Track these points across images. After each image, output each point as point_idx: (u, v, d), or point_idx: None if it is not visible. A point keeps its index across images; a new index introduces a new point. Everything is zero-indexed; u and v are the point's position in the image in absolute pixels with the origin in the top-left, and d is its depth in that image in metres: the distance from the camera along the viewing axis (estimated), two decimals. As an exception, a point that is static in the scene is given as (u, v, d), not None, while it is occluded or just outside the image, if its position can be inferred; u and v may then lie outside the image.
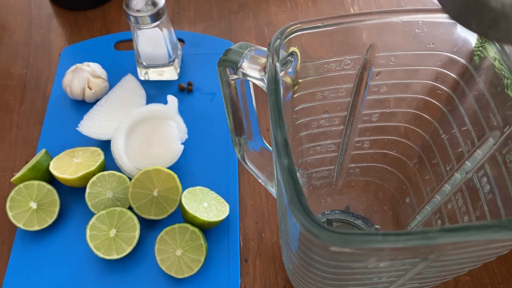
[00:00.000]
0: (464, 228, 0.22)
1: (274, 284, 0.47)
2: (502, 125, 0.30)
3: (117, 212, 0.48)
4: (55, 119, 0.58)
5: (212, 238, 0.49)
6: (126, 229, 0.47)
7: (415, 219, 0.41)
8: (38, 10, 0.71)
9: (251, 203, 0.52)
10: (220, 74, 0.34)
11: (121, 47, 0.65)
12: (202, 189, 0.51)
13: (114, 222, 0.47)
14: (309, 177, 0.44)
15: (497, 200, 0.30)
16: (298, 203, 0.23)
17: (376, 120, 0.39)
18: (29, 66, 0.64)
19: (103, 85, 0.58)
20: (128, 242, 0.47)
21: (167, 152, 0.53)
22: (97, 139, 0.55)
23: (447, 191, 0.36)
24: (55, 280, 0.47)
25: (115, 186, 0.50)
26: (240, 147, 0.42)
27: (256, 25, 0.68)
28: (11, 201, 0.49)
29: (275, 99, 0.27)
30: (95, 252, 0.46)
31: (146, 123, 0.55)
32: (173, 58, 0.60)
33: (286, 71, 0.32)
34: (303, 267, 0.31)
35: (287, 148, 0.25)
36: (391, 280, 0.31)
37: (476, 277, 0.47)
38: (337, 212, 0.48)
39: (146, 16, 0.53)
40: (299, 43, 0.31)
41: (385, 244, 0.22)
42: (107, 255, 0.46)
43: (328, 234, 0.22)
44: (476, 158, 0.32)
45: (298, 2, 0.70)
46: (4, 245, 0.50)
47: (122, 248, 0.47)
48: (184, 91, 0.60)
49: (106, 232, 0.47)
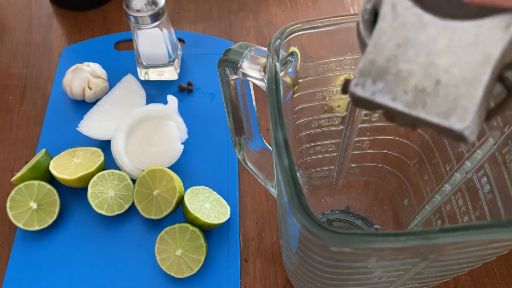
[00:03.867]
0: (464, 228, 0.22)
1: (274, 284, 0.47)
2: (502, 125, 0.30)
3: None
4: (55, 119, 0.58)
5: (212, 238, 0.49)
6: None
7: (415, 219, 0.41)
8: (38, 10, 0.71)
9: (251, 203, 0.52)
10: (220, 74, 0.34)
11: (121, 47, 0.65)
12: (205, 188, 0.51)
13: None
14: (309, 177, 0.44)
15: (497, 200, 0.30)
16: (298, 203, 0.23)
17: (376, 120, 0.39)
18: (29, 66, 0.64)
19: (103, 85, 0.58)
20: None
21: (167, 152, 0.53)
22: (97, 139, 0.55)
23: (447, 191, 0.36)
24: (55, 280, 0.47)
25: (116, 184, 0.50)
26: (240, 147, 0.42)
27: (256, 25, 0.68)
28: (11, 201, 0.49)
29: (275, 99, 0.27)
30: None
31: (146, 123, 0.55)
32: (173, 58, 0.60)
33: (286, 71, 0.32)
34: (303, 267, 0.31)
35: (287, 148, 0.25)
36: (391, 280, 0.31)
37: (476, 277, 0.47)
38: (337, 212, 0.48)
39: (146, 16, 0.53)
40: (299, 43, 0.31)
41: (385, 244, 0.22)
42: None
43: (328, 234, 0.22)
44: (476, 158, 0.32)
45: (298, 2, 0.70)
46: (4, 245, 0.50)
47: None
48: (184, 91, 0.60)
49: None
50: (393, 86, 0.18)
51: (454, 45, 0.17)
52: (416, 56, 0.18)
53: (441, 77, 0.17)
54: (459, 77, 0.17)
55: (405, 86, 0.18)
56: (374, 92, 0.18)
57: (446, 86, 0.17)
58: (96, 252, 0.49)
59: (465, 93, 0.17)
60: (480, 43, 0.17)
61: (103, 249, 0.49)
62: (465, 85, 0.17)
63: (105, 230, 0.50)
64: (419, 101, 0.18)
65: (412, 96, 0.18)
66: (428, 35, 0.18)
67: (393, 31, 0.18)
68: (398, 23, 0.18)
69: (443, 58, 0.18)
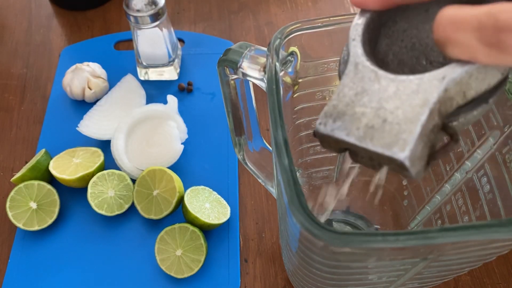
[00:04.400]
0: (464, 228, 0.22)
1: (274, 284, 0.47)
2: (502, 125, 0.30)
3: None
4: (55, 119, 0.58)
5: (212, 238, 0.49)
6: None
7: (415, 219, 0.41)
8: (38, 10, 0.71)
9: (251, 203, 0.52)
10: (220, 74, 0.34)
11: (121, 47, 0.65)
12: (205, 188, 0.51)
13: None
14: (309, 177, 0.44)
15: (497, 200, 0.30)
16: (298, 203, 0.23)
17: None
18: (29, 66, 0.64)
19: (103, 85, 0.58)
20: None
21: (167, 152, 0.53)
22: (97, 139, 0.55)
23: (447, 191, 0.36)
24: (55, 280, 0.47)
25: (116, 184, 0.50)
26: (240, 147, 0.42)
27: (256, 25, 0.68)
28: (11, 201, 0.49)
29: (275, 99, 0.27)
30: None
31: (146, 123, 0.55)
32: (173, 58, 0.60)
33: (286, 71, 0.32)
34: (303, 267, 0.31)
35: (287, 148, 0.25)
36: (391, 280, 0.31)
37: (476, 277, 0.47)
38: (337, 212, 0.48)
39: (146, 16, 0.53)
40: (299, 43, 0.31)
41: (385, 244, 0.22)
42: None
43: (328, 234, 0.22)
44: (476, 158, 0.32)
45: (298, 2, 0.70)
46: (4, 245, 0.50)
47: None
48: (184, 91, 0.60)
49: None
50: (348, 124, 0.22)
51: (400, 93, 0.21)
52: (369, 102, 0.22)
53: (387, 117, 0.21)
54: (402, 117, 0.21)
55: (358, 124, 0.21)
56: (333, 129, 0.22)
57: (391, 123, 0.21)
58: (96, 252, 0.49)
59: (406, 128, 0.20)
60: (420, 91, 0.21)
61: (103, 249, 0.49)
62: (406, 122, 0.20)
63: (105, 230, 0.50)
64: (368, 136, 0.21)
65: (363, 132, 0.21)
66: (380, 85, 0.22)
67: (353, 83, 0.22)
68: (358, 77, 0.22)
69: (390, 102, 0.21)
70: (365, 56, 0.23)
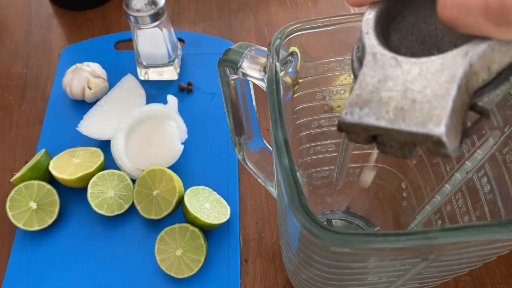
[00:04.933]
0: (464, 228, 0.22)
1: (274, 284, 0.47)
2: (502, 125, 0.30)
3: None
4: (55, 119, 0.58)
5: (212, 238, 0.49)
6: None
7: (415, 219, 0.41)
8: (38, 10, 0.71)
9: (251, 203, 0.52)
10: (220, 74, 0.34)
11: (121, 47, 0.65)
12: (205, 188, 0.51)
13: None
14: (309, 177, 0.44)
15: (497, 200, 0.30)
16: (298, 203, 0.23)
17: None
18: (29, 66, 0.64)
19: (103, 85, 0.58)
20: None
21: (167, 152, 0.53)
22: (97, 139, 0.55)
23: (447, 191, 0.36)
24: (55, 280, 0.47)
25: (116, 184, 0.50)
26: (240, 147, 0.42)
27: (256, 25, 0.68)
28: (11, 201, 0.49)
29: (275, 99, 0.27)
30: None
31: (146, 123, 0.55)
32: (173, 58, 0.60)
33: (286, 71, 0.32)
34: (303, 267, 0.31)
35: (287, 148, 0.25)
36: (391, 280, 0.31)
37: (476, 277, 0.47)
38: (337, 212, 0.48)
39: (146, 16, 0.52)
40: (299, 43, 0.31)
41: (385, 244, 0.22)
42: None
43: (328, 234, 0.22)
44: (476, 158, 0.32)
45: (298, 2, 0.70)
46: (4, 245, 0.50)
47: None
48: (184, 91, 0.60)
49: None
50: (377, 110, 0.21)
51: (424, 73, 0.21)
52: (394, 86, 0.22)
53: (416, 97, 0.21)
54: (431, 95, 0.21)
55: (386, 108, 0.21)
56: (361, 116, 0.22)
57: (421, 102, 0.21)
58: (96, 252, 0.49)
59: (438, 105, 0.20)
60: (445, 69, 0.21)
61: (103, 249, 0.49)
62: (437, 99, 0.20)
63: (105, 230, 0.50)
64: (400, 117, 0.21)
65: (393, 114, 0.21)
66: (403, 69, 0.22)
67: (374, 71, 0.22)
68: (378, 66, 0.22)
69: (416, 83, 0.21)
70: (381, 46, 0.23)
